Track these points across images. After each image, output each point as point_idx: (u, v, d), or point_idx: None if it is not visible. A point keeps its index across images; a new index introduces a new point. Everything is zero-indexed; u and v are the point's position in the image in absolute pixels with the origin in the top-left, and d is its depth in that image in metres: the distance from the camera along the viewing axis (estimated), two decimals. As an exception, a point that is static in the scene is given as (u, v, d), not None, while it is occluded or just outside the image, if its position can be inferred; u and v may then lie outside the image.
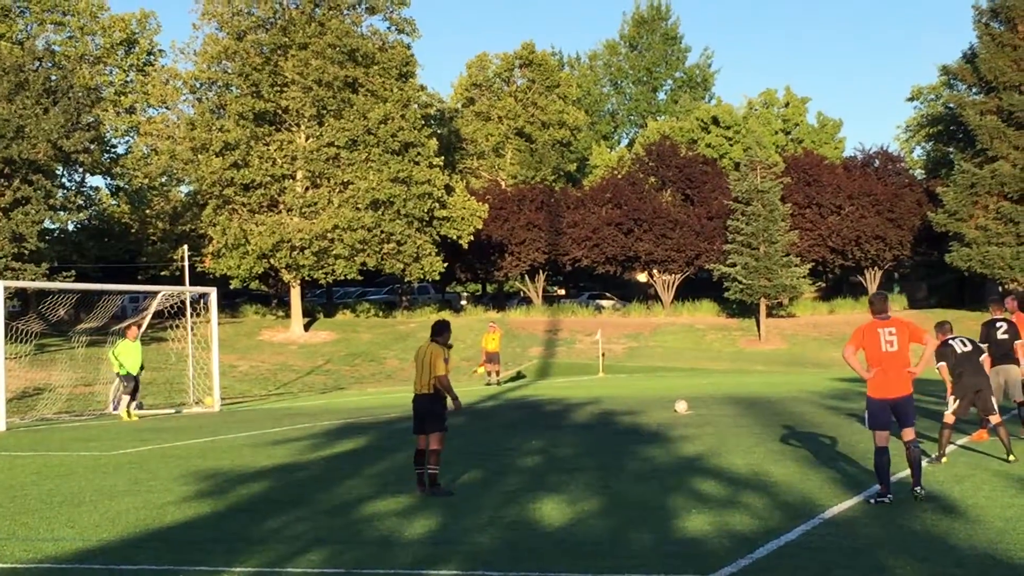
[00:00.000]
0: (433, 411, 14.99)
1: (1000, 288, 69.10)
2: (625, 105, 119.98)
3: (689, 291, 79.10)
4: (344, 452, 20.07)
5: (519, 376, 52.04)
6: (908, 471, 13.85)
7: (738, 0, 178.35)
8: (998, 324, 19.56)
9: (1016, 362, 19.35)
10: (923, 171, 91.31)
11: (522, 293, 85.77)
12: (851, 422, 22.79)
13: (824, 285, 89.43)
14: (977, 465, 16.31)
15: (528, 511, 13.24)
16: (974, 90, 72.64)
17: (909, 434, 13.65)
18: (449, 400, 15.01)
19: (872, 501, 13.27)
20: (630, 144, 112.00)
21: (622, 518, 12.67)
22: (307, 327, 66.38)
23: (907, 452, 13.67)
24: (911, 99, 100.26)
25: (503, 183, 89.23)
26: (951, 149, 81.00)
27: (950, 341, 17.12)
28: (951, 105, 78.85)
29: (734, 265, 67.91)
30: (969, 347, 17.22)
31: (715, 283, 73.21)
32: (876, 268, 78.08)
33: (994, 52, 67.80)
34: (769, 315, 69.71)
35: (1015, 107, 66.06)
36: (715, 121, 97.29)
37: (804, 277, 69.27)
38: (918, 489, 13.36)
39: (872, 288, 78.59)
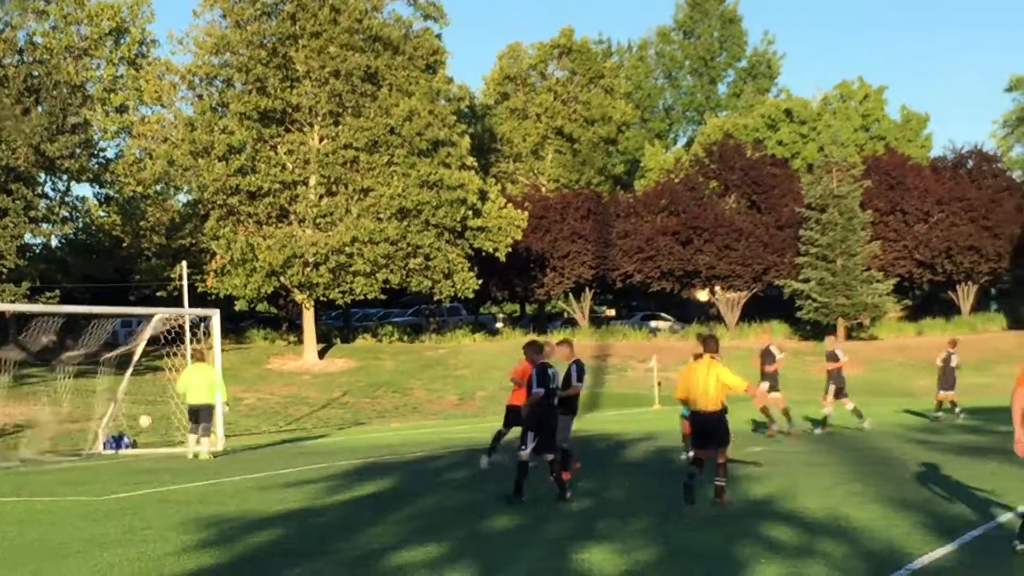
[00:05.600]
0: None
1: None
2: (681, 99, 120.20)
3: (757, 311, 78.94)
4: (365, 496, 20.11)
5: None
6: (1011, 515, 13.76)
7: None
8: None
9: None
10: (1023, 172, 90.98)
11: (566, 314, 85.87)
12: (944, 458, 22.70)
13: (911, 303, 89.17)
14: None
15: (574, 562, 13.20)
16: (1081, 79, 72.35)
17: None
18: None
19: None
20: (688, 144, 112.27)
21: (681, 570, 12.65)
22: (322, 354, 66.51)
23: None
24: (1009, 89, 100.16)
25: (544, 188, 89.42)
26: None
27: None
28: (1055, 97, 78.55)
29: (807, 281, 67.86)
30: None
31: (786, 301, 73.10)
32: (970, 283, 77.94)
33: (1104, 35, 67.49)
34: (848, 337, 69.54)
35: None
36: (787, 115, 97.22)
37: (888, 294, 69.14)
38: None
39: (966, 307, 78.32)
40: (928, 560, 12.76)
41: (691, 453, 19.87)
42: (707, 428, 17.80)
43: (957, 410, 35.50)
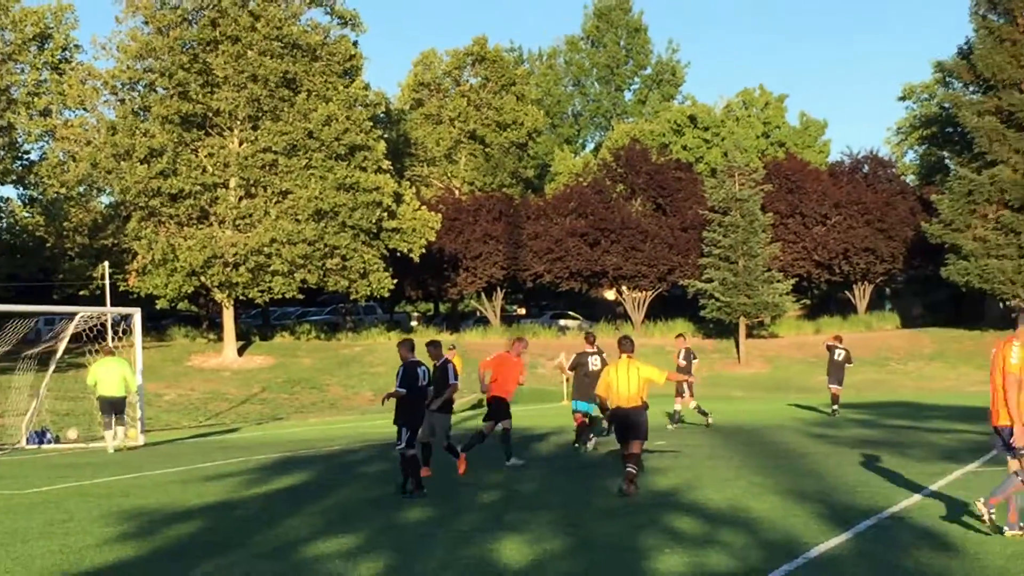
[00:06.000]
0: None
1: (1001, 304, 69.64)
2: (589, 106, 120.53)
3: (662, 310, 79.30)
4: (283, 488, 20.02)
5: (479, 405, 52.00)
6: (903, 505, 13.91)
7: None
8: None
9: None
10: (916, 177, 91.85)
11: (478, 312, 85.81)
12: (840, 451, 22.91)
13: (809, 302, 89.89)
14: (979, 497, 16.39)
15: (485, 552, 13.22)
16: (971, 88, 73.07)
17: None
18: None
19: None
20: (596, 149, 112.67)
21: (588, 560, 12.69)
22: (241, 351, 66.18)
23: None
24: (903, 98, 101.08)
25: (457, 191, 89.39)
26: (946, 153, 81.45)
27: None
28: (946, 105, 79.33)
29: (711, 281, 68.14)
30: None
31: (690, 301, 73.42)
32: (866, 283, 78.66)
33: (992, 47, 68.22)
34: (749, 335, 70.03)
35: (1015, 107, 66.49)
36: (692, 121, 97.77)
37: (787, 294, 69.54)
38: None
39: (861, 307, 79.08)
40: (824, 549, 12.88)
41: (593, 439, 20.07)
42: (629, 423, 18.12)
43: (835, 406, 35.63)
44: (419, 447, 19.15)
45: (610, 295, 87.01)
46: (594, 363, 25.73)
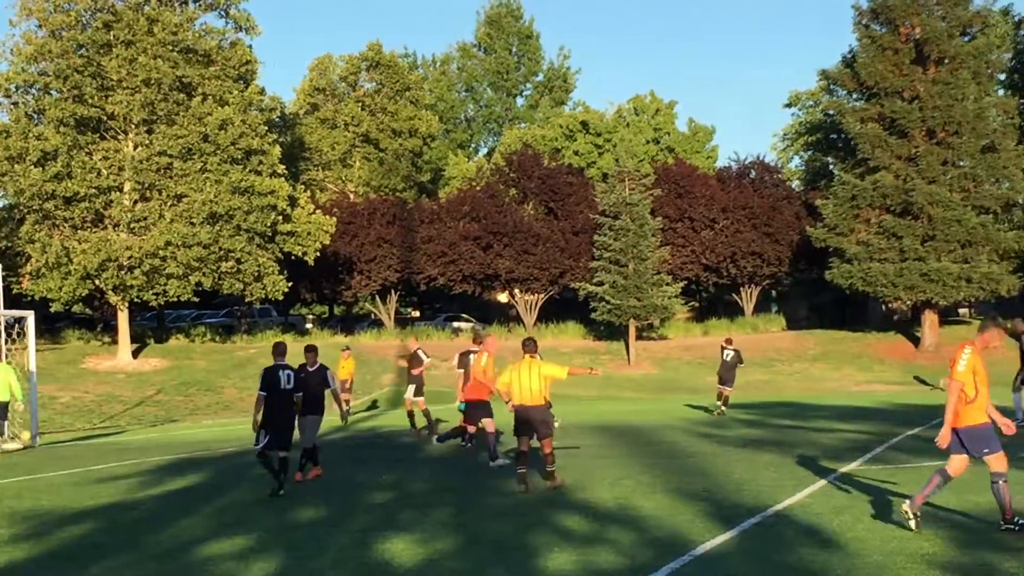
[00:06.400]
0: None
1: (884, 307, 70.54)
2: (481, 112, 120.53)
3: (554, 312, 79.48)
4: (177, 490, 19.87)
5: (373, 406, 51.98)
6: (787, 503, 14.05)
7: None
8: None
9: None
10: (801, 182, 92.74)
11: (373, 315, 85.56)
12: (727, 451, 23.09)
13: (697, 305, 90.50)
14: (858, 496, 16.61)
15: (376, 552, 13.21)
16: (854, 96, 73.92)
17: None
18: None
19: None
20: (489, 153, 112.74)
21: (478, 559, 12.70)
22: (136, 354, 65.46)
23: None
24: (789, 105, 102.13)
25: (351, 195, 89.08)
26: (831, 159, 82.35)
27: None
28: (830, 112, 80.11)
29: (601, 284, 68.40)
30: None
31: (581, 303, 73.63)
32: (752, 286, 79.33)
33: (875, 55, 69.09)
34: (639, 337, 70.37)
35: (897, 114, 67.36)
36: (584, 127, 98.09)
37: (676, 296, 69.92)
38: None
39: (748, 309, 79.77)
40: (710, 546, 12.99)
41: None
42: (532, 421, 18.56)
43: (720, 405, 36.05)
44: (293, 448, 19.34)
45: (503, 298, 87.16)
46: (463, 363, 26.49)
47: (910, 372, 61.94)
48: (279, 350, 19.56)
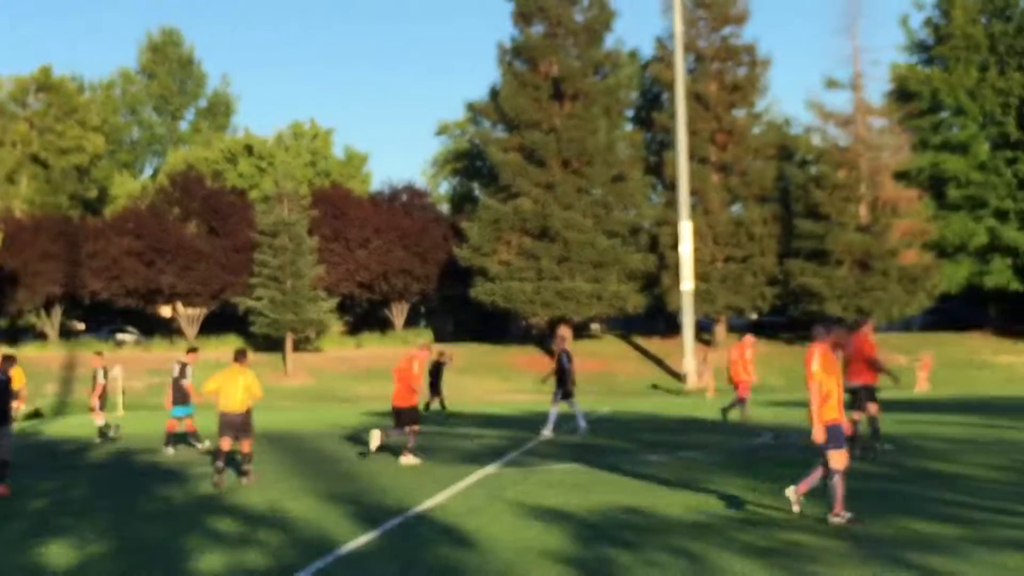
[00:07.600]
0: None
1: (523, 322, 72.06)
2: (145, 134, 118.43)
3: (215, 325, 78.51)
4: None
5: (37, 415, 50.49)
6: (428, 504, 14.27)
7: (257, 27, 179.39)
8: None
9: None
10: (449, 206, 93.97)
11: (37, 328, 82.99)
12: (375, 457, 23.21)
13: (351, 319, 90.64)
14: (494, 497, 16.93)
15: (32, 557, 12.87)
16: (498, 127, 75.45)
17: None
18: None
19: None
20: (154, 174, 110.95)
21: (132, 560, 12.52)
22: None
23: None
24: (439, 133, 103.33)
25: (17, 212, 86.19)
26: (476, 185, 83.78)
27: None
28: (476, 141, 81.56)
29: (260, 299, 68.01)
30: None
31: (241, 317, 73.03)
32: (403, 302, 79.91)
33: (516, 90, 70.69)
34: (296, 349, 70.15)
35: (536, 145, 69.08)
36: (248, 150, 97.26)
37: (331, 311, 70.13)
38: None
39: (399, 323, 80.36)
40: (354, 546, 13.11)
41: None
42: (235, 424, 19.49)
43: (432, 406, 37.00)
44: None
45: (166, 311, 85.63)
46: (175, 371, 27.42)
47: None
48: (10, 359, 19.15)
